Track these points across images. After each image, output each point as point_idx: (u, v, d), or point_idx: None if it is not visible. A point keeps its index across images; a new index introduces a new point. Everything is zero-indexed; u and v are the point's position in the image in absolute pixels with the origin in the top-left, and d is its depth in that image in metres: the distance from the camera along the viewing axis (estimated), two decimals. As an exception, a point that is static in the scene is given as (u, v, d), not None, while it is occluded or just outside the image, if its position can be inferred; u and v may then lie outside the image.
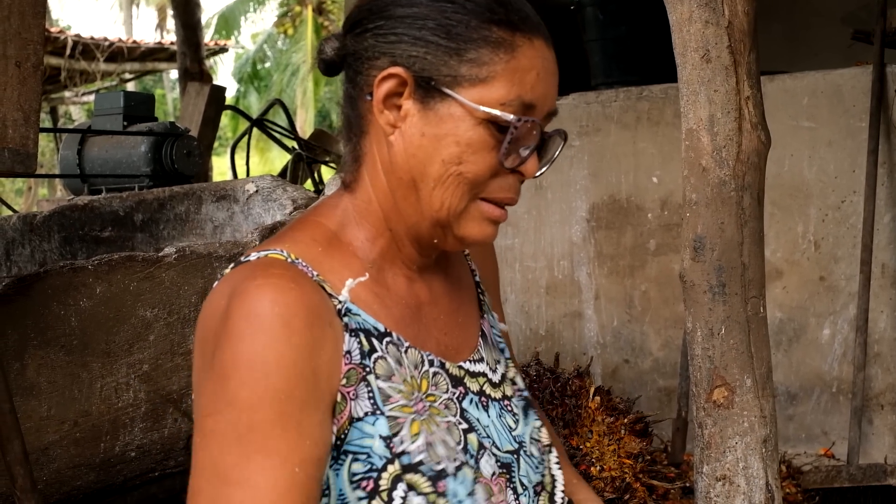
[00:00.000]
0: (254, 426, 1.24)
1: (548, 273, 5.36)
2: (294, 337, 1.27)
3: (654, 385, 5.14)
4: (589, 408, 3.34)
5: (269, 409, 1.24)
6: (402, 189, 1.41)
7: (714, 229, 3.25)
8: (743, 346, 3.23)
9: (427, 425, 1.40)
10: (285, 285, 1.30)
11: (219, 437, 1.25)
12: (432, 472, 1.37)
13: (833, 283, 4.82)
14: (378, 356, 1.38)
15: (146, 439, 3.44)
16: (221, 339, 1.28)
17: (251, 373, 1.25)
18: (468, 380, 1.51)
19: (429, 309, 1.51)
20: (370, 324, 1.40)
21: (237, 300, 1.29)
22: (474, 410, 1.49)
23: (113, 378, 3.26)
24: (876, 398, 4.74)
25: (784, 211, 4.85)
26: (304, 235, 1.43)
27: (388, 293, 1.45)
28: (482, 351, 1.58)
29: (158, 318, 3.35)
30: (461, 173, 1.37)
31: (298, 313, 1.28)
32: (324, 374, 1.31)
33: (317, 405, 1.29)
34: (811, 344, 4.87)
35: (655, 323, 5.14)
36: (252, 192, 4.41)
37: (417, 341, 1.46)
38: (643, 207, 5.15)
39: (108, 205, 4.31)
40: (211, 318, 1.34)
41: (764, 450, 3.23)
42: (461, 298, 1.60)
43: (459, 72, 1.37)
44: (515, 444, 1.54)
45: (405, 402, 1.39)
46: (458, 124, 1.36)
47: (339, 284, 1.39)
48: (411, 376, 1.42)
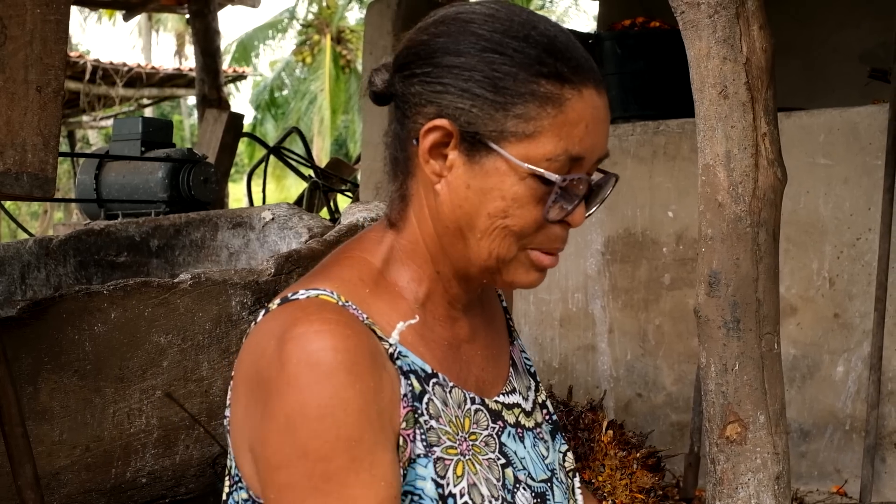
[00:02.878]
0: (329, 476, 1.24)
1: (562, 305, 5.36)
2: (358, 383, 1.26)
3: (666, 420, 5.12)
4: (602, 441, 3.33)
5: (342, 458, 1.24)
6: (449, 236, 1.40)
7: (729, 265, 3.25)
8: (757, 383, 3.22)
9: (471, 465, 1.39)
10: (343, 332, 1.29)
11: (294, 490, 1.25)
12: None
13: (847, 320, 4.80)
14: (428, 398, 1.38)
15: (158, 465, 3.43)
16: (280, 387, 1.27)
17: (321, 423, 1.24)
18: (505, 413, 1.51)
19: (467, 347, 1.50)
20: (418, 365, 1.39)
21: (295, 346, 1.27)
22: (512, 444, 1.49)
23: (126, 403, 3.25)
24: (889, 436, 4.72)
25: (799, 247, 4.84)
26: (352, 274, 1.41)
27: (433, 334, 1.44)
28: (513, 381, 1.57)
29: (172, 344, 3.35)
30: (507, 226, 1.36)
31: (359, 360, 1.28)
32: (387, 416, 1.30)
33: (385, 446, 1.29)
34: (825, 381, 4.85)
35: (669, 357, 5.13)
36: (268, 220, 4.41)
37: (459, 380, 1.45)
38: (658, 241, 5.15)
39: (124, 230, 4.32)
40: (261, 359, 1.32)
41: (776, 486, 3.22)
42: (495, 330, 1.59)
43: (505, 126, 1.34)
44: (548, 472, 1.54)
45: (451, 443, 1.39)
46: (504, 179, 1.34)
47: (387, 327, 1.38)
48: (455, 416, 1.41)
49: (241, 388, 1.37)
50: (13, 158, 2.28)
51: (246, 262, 4.31)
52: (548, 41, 1.37)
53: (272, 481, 1.28)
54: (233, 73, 17.71)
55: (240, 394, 1.38)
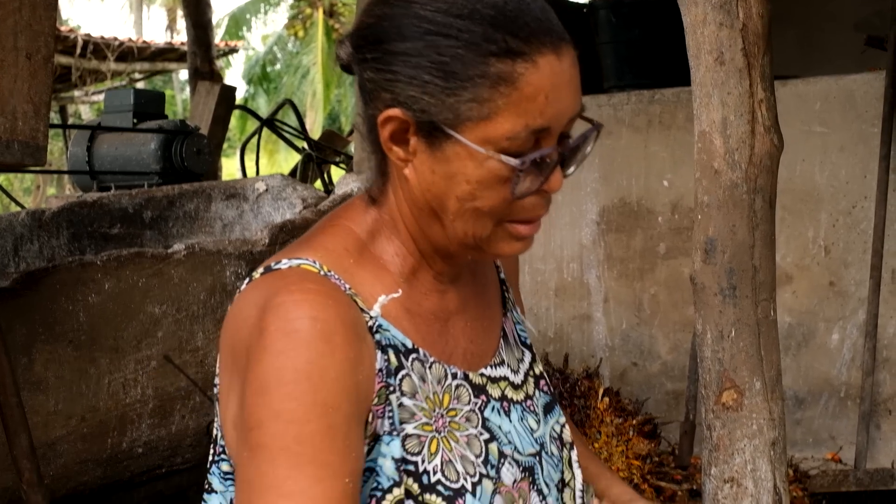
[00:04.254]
0: (303, 439, 1.22)
1: (557, 275, 5.35)
2: (337, 352, 1.25)
3: (662, 388, 5.12)
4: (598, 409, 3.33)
5: (318, 422, 1.22)
6: (424, 217, 1.39)
7: (725, 232, 3.24)
8: (753, 349, 3.21)
9: (445, 442, 1.38)
10: (323, 301, 1.27)
11: (267, 451, 1.23)
12: (449, 490, 1.35)
13: (843, 288, 4.80)
14: (404, 374, 1.36)
15: (154, 435, 3.43)
16: (258, 354, 1.26)
17: (296, 386, 1.23)
18: (490, 386, 1.49)
19: (456, 319, 1.48)
20: (398, 340, 1.37)
21: (274, 314, 1.26)
22: (496, 418, 1.47)
23: (121, 374, 3.25)
24: (884, 403, 4.72)
25: (795, 215, 4.84)
26: (336, 244, 1.40)
27: (419, 308, 1.43)
28: (503, 353, 1.55)
29: (167, 314, 3.34)
30: (477, 208, 1.33)
31: (338, 330, 1.26)
32: (363, 391, 1.29)
33: (359, 420, 1.28)
34: (820, 349, 4.85)
35: (664, 326, 5.13)
36: (262, 191, 4.40)
37: (444, 355, 1.44)
38: (654, 211, 5.14)
39: (117, 202, 4.31)
40: (242, 328, 1.31)
41: (772, 452, 3.22)
42: (487, 301, 1.57)
43: (460, 112, 1.30)
44: (537, 445, 1.52)
45: (426, 420, 1.37)
46: (466, 164, 1.31)
47: (370, 299, 1.37)
48: (434, 392, 1.40)
49: (227, 358, 1.36)
50: (3, 126, 2.27)
51: (240, 233, 4.30)
52: (495, 13, 1.31)
53: (246, 442, 1.26)
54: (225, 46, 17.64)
55: (225, 363, 1.37)
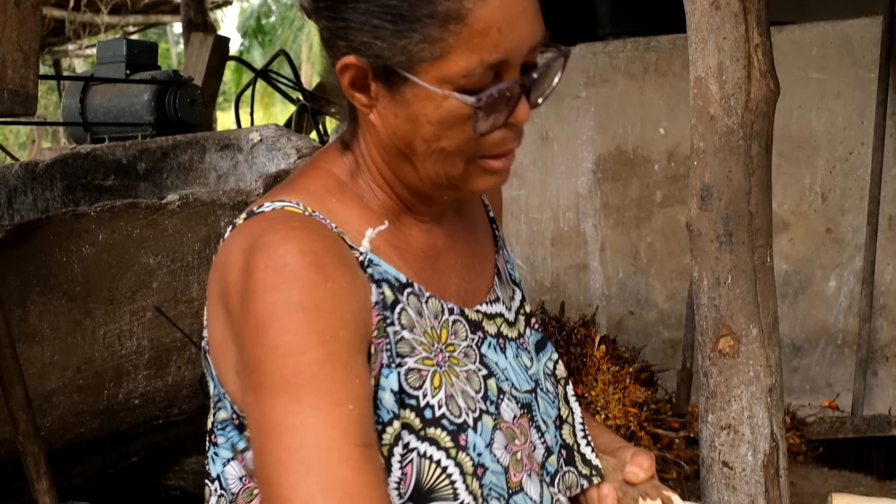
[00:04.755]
0: (301, 369, 1.20)
1: (553, 225, 5.34)
2: (329, 282, 1.24)
3: (659, 337, 5.13)
4: (594, 356, 3.33)
5: (314, 351, 1.20)
6: (396, 161, 1.37)
7: (722, 178, 3.22)
8: (749, 296, 3.21)
9: (447, 377, 1.37)
10: (309, 236, 1.27)
11: (268, 389, 1.21)
12: (453, 425, 1.35)
13: (840, 235, 4.79)
14: (401, 308, 1.36)
15: (150, 387, 3.43)
16: (249, 295, 1.24)
17: (290, 318, 1.21)
18: (486, 323, 1.49)
19: (447, 255, 1.48)
20: (391, 274, 1.36)
21: (261, 254, 1.24)
22: (493, 354, 1.47)
23: (116, 325, 3.24)
24: (881, 350, 4.73)
25: (791, 163, 4.82)
26: (317, 185, 1.39)
27: (406, 245, 1.42)
28: (497, 290, 1.55)
29: (162, 265, 3.33)
30: (443, 148, 1.32)
31: (328, 262, 1.25)
32: (361, 321, 1.28)
33: (359, 347, 1.26)
34: (817, 296, 4.85)
35: (661, 275, 5.12)
36: (256, 142, 4.38)
37: (438, 290, 1.43)
38: (650, 159, 5.12)
39: (110, 153, 4.29)
40: (230, 273, 1.29)
41: (769, 399, 3.22)
42: (477, 239, 1.56)
43: (412, 53, 1.28)
44: (532, 382, 1.52)
45: (426, 354, 1.36)
46: (426, 105, 1.30)
47: (357, 236, 1.36)
48: (431, 327, 1.39)
49: (218, 307, 1.35)
50: (-7, 75, 2.24)
51: (234, 184, 4.28)
52: None
53: (249, 385, 1.25)
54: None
55: (216, 312, 1.35)
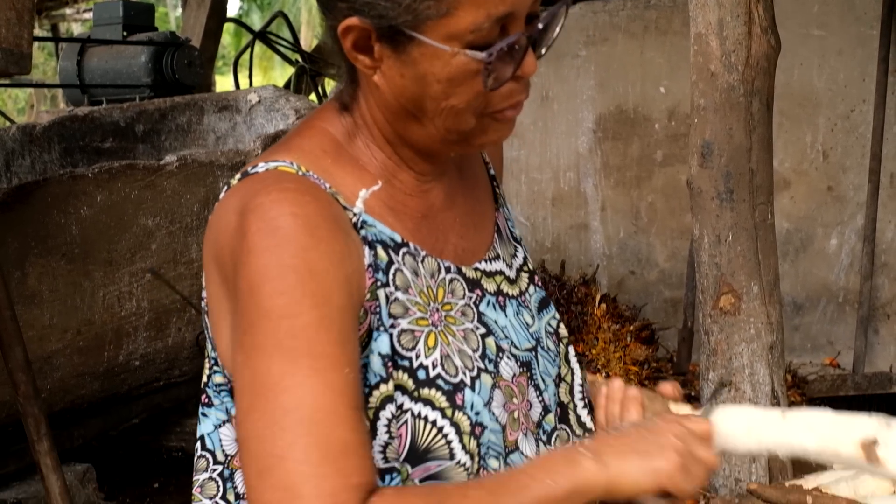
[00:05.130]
0: (296, 332, 1.19)
1: (554, 185, 5.32)
2: (322, 245, 1.22)
3: (660, 296, 5.12)
4: (595, 315, 3.32)
5: (309, 314, 1.19)
6: (402, 121, 1.35)
7: (722, 135, 3.21)
8: (750, 253, 3.20)
9: (443, 336, 1.35)
10: (301, 198, 1.24)
11: (261, 350, 1.20)
12: (449, 385, 1.33)
13: (841, 193, 4.78)
14: (396, 268, 1.34)
15: (150, 348, 3.43)
16: (243, 258, 1.22)
17: (283, 280, 1.20)
18: (485, 281, 1.46)
19: (444, 215, 1.45)
20: (386, 235, 1.34)
21: (253, 216, 1.22)
22: (492, 312, 1.45)
23: (115, 287, 3.24)
24: (882, 308, 4.72)
25: (792, 120, 4.80)
26: (313, 145, 1.36)
27: (403, 206, 1.39)
28: (497, 247, 1.52)
29: (160, 226, 3.32)
30: (453, 106, 1.29)
31: (321, 224, 1.23)
32: (354, 284, 1.26)
33: (352, 312, 1.25)
34: (818, 254, 4.84)
35: (662, 234, 5.11)
36: (255, 103, 4.36)
37: (435, 249, 1.41)
38: (650, 118, 5.10)
39: (108, 115, 4.27)
40: (224, 235, 1.28)
41: (770, 356, 3.22)
42: (476, 196, 1.54)
43: (418, 11, 1.25)
44: (533, 340, 1.50)
45: (421, 314, 1.34)
46: (433, 63, 1.27)
47: (351, 197, 1.33)
48: (427, 287, 1.37)
49: (212, 268, 1.33)
50: (-13, 34, 2.22)
51: (233, 145, 4.27)
52: None
53: (240, 346, 1.23)
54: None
55: (212, 274, 1.34)
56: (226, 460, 1.40)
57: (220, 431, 1.40)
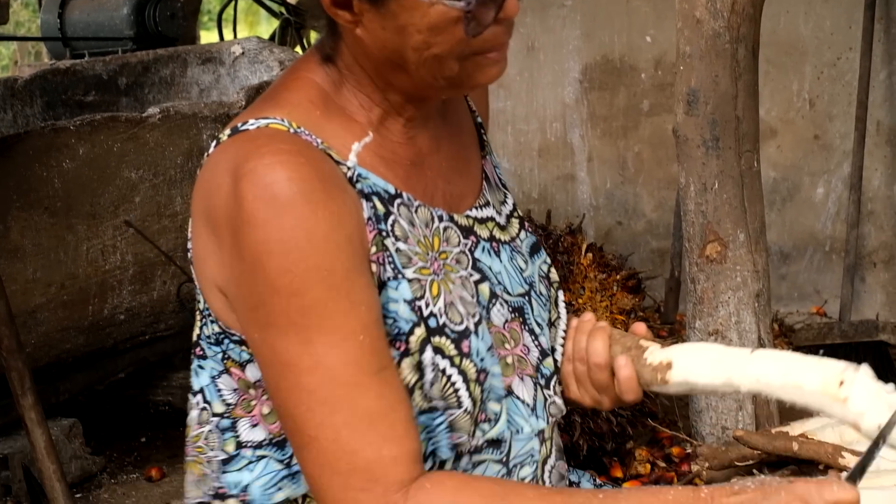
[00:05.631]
0: (306, 309, 1.22)
1: (540, 136, 5.30)
2: (319, 210, 1.23)
3: (647, 246, 5.12)
4: (581, 264, 3.32)
5: (316, 289, 1.22)
6: (388, 72, 1.35)
7: (708, 82, 3.18)
8: (736, 201, 3.19)
9: (445, 285, 1.37)
10: (296, 161, 1.24)
11: (275, 328, 1.24)
12: (455, 333, 1.35)
13: (828, 141, 4.77)
14: (393, 219, 1.35)
15: (135, 302, 3.42)
16: (241, 227, 1.23)
17: (287, 257, 1.21)
18: (478, 227, 1.48)
19: (431, 159, 1.45)
20: (380, 186, 1.35)
21: (248, 182, 1.23)
22: (486, 258, 1.47)
23: (99, 240, 3.23)
24: (869, 256, 4.73)
25: (779, 68, 4.78)
26: (301, 97, 1.36)
27: (393, 155, 1.40)
28: (487, 194, 1.54)
29: (144, 179, 3.30)
30: (436, 55, 1.29)
31: (317, 187, 1.24)
32: (356, 242, 1.28)
33: (359, 270, 1.27)
34: (805, 203, 4.84)
35: (649, 184, 5.10)
36: (238, 54, 4.33)
37: (426, 197, 1.42)
38: (637, 67, 5.07)
39: (90, 68, 4.25)
40: (216, 195, 1.28)
41: (756, 304, 3.22)
42: (462, 142, 1.54)
43: None
44: (526, 285, 1.52)
45: (423, 263, 1.36)
46: (413, 14, 1.27)
47: (343, 150, 1.34)
48: (424, 236, 1.38)
49: (200, 224, 1.34)
50: (-38, -16, 2.20)
51: (217, 97, 4.24)
52: None
53: (253, 321, 1.27)
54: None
55: (199, 227, 1.34)
56: (226, 410, 1.41)
57: (219, 382, 1.41)
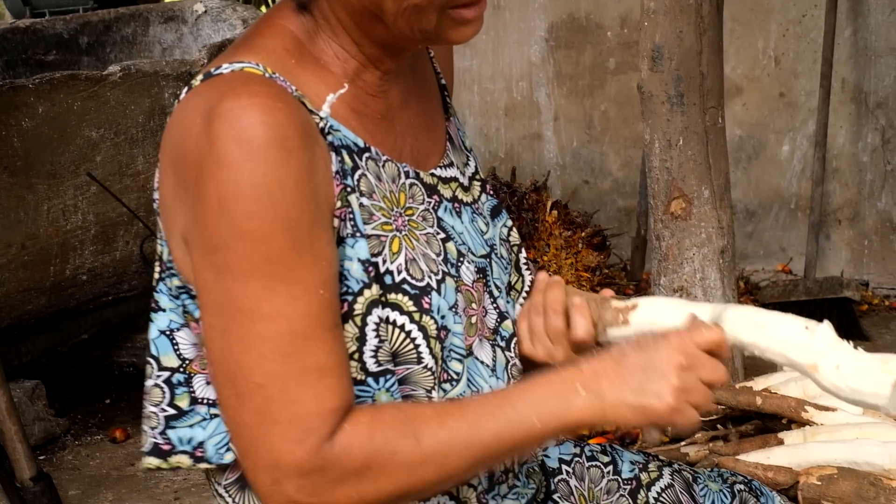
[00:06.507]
0: (271, 257, 1.20)
1: (506, 95, 5.29)
2: (292, 159, 1.21)
3: (613, 205, 5.12)
4: (546, 221, 3.31)
5: (282, 238, 1.20)
6: (367, 21, 1.33)
7: (672, 38, 3.18)
8: (701, 157, 3.19)
9: (407, 241, 1.36)
10: (272, 105, 1.22)
11: (235, 273, 1.21)
12: (415, 289, 1.34)
13: (793, 98, 4.77)
14: (360, 173, 1.33)
15: (97, 262, 3.39)
16: (211, 167, 1.20)
17: (257, 203, 1.19)
18: (441, 187, 1.47)
19: (401, 115, 1.44)
20: (350, 139, 1.33)
21: (222, 122, 1.20)
22: (449, 218, 1.46)
23: (60, 200, 3.19)
24: (833, 213, 4.75)
25: (744, 26, 4.77)
26: (276, 44, 1.33)
27: (365, 107, 1.38)
28: (451, 155, 1.53)
29: (105, 138, 3.27)
30: (415, 5, 1.28)
31: (291, 135, 1.22)
32: (322, 194, 1.26)
33: (322, 225, 1.25)
34: (770, 161, 4.85)
35: (615, 143, 5.10)
36: (201, 13, 4.28)
37: (394, 153, 1.40)
38: (602, 25, 5.06)
39: (51, 27, 4.19)
40: (187, 137, 1.25)
41: (721, 261, 3.23)
42: (428, 100, 1.54)
43: None
44: (487, 247, 1.52)
45: (385, 219, 1.35)
46: None
47: (316, 100, 1.32)
48: (390, 191, 1.37)
49: (169, 170, 1.31)
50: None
51: (180, 56, 4.20)
52: None
53: (209, 263, 1.24)
54: None
55: (167, 175, 1.32)
56: (181, 365, 1.39)
57: (177, 335, 1.39)
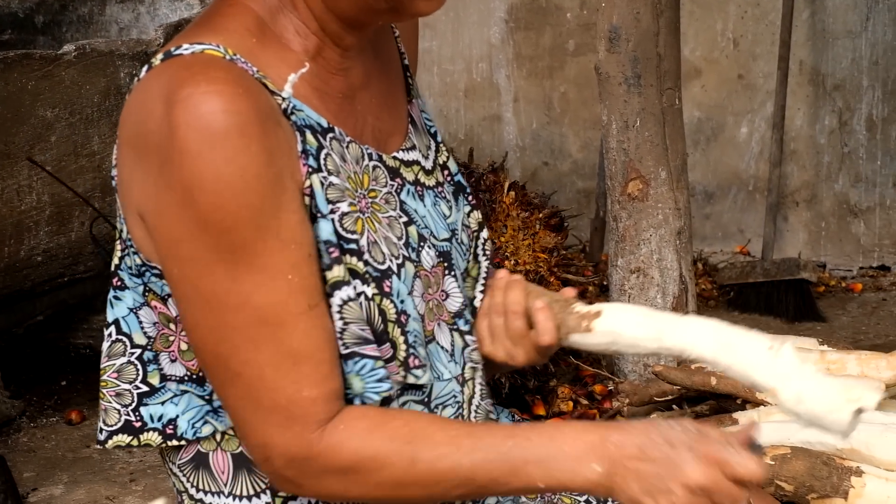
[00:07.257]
0: (235, 247, 1.21)
1: (466, 76, 5.28)
2: (253, 145, 1.21)
3: (573, 187, 5.14)
4: (503, 203, 3.31)
5: (245, 227, 1.21)
6: None
7: (629, 19, 3.19)
8: (658, 139, 3.21)
9: (370, 223, 1.36)
10: (233, 91, 1.22)
11: (200, 264, 1.23)
12: (377, 272, 1.34)
13: (751, 80, 4.79)
14: (326, 153, 1.33)
15: (52, 243, 3.37)
16: (172, 156, 1.21)
17: (219, 194, 1.20)
18: (403, 170, 1.47)
19: (362, 94, 1.44)
20: (314, 119, 1.33)
21: (182, 110, 1.20)
22: (412, 202, 1.46)
23: (14, 180, 3.17)
24: (791, 195, 4.78)
25: (703, 8, 4.79)
26: (237, 24, 1.33)
27: (327, 86, 1.38)
28: (413, 138, 1.53)
29: (60, 118, 3.24)
30: None
31: (252, 120, 1.22)
32: (288, 175, 1.26)
33: (290, 207, 1.26)
34: (728, 142, 4.87)
35: (575, 125, 5.11)
36: (158, -8, 4.27)
37: (356, 133, 1.40)
38: (562, 6, 5.06)
39: (5, 6, 4.15)
40: (147, 121, 1.25)
41: (678, 242, 3.25)
42: (390, 80, 1.53)
43: None
44: (449, 231, 1.52)
45: (351, 200, 1.34)
46: None
47: (278, 80, 1.31)
48: (354, 172, 1.37)
49: (127, 150, 1.31)
50: None
51: (136, 36, 4.18)
52: None
53: (174, 255, 1.25)
54: None
55: (125, 156, 1.31)
56: (148, 342, 1.40)
57: (140, 314, 1.39)
